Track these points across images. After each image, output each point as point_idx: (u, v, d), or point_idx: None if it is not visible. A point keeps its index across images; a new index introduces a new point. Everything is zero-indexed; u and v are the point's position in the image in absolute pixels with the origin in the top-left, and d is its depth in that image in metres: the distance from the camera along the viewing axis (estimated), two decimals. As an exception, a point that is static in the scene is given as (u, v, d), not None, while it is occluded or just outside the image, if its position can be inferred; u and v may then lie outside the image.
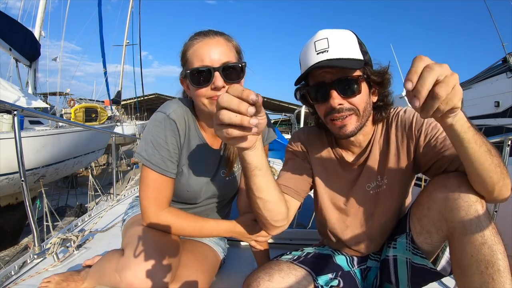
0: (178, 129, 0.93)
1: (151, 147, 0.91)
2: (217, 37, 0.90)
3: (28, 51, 6.98)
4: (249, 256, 1.09)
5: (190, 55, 0.90)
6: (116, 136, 3.27)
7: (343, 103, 0.80)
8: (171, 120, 0.92)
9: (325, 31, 0.81)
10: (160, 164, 0.91)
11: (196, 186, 1.02)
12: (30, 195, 1.46)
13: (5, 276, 1.21)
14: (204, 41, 0.89)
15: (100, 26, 12.28)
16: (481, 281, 0.64)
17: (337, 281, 0.92)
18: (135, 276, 0.79)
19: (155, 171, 0.91)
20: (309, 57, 0.81)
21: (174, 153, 0.94)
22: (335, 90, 0.79)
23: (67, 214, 7.07)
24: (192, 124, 0.98)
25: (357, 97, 0.80)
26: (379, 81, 0.84)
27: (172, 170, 0.94)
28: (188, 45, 0.92)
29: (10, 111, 1.41)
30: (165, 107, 0.95)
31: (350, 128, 0.81)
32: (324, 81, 0.80)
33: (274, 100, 28.26)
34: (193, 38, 0.92)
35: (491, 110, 4.45)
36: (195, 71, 0.86)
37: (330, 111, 0.81)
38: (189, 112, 0.98)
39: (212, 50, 0.87)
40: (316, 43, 0.80)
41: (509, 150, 1.66)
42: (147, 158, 0.91)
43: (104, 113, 10.33)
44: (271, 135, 1.09)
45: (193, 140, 0.99)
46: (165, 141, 0.91)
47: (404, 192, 0.92)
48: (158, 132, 0.91)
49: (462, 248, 0.67)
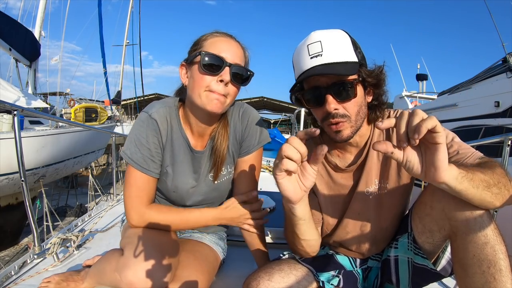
0: (160, 128, 0.94)
1: (134, 145, 0.93)
2: (237, 42, 0.94)
3: (28, 51, 6.99)
4: (249, 256, 1.09)
5: (208, 44, 0.90)
6: (116, 136, 3.27)
7: (338, 108, 0.79)
8: (153, 119, 0.93)
9: (317, 33, 0.79)
10: (141, 162, 0.92)
11: (181, 187, 1.01)
12: (30, 195, 1.46)
13: (5, 276, 1.21)
14: (226, 39, 0.91)
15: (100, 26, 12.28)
16: (483, 280, 0.64)
17: (338, 279, 0.92)
18: (135, 275, 0.79)
19: (137, 170, 0.93)
20: (302, 61, 0.79)
21: (156, 152, 0.95)
22: (330, 95, 0.78)
23: (67, 214, 7.08)
24: (175, 125, 0.98)
25: (352, 101, 0.79)
26: (374, 82, 0.83)
27: (154, 169, 0.95)
28: (207, 36, 0.92)
29: (10, 111, 1.41)
30: (150, 106, 0.96)
31: (345, 133, 0.81)
32: (319, 85, 0.79)
33: (274, 100, 28.26)
34: (214, 32, 0.93)
35: (491, 110, 4.45)
36: (209, 56, 0.86)
37: (327, 116, 0.80)
38: (173, 112, 0.98)
39: (230, 48, 0.90)
40: (309, 47, 0.78)
41: (509, 150, 1.66)
42: (130, 156, 0.92)
43: (104, 113, 10.32)
44: (263, 138, 1.06)
45: (176, 141, 0.98)
46: (146, 140, 0.93)
47: (405, 196, 0.92)
48: (140, 131, 0.93)
49: (464, 247, 0.67)
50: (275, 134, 10.31)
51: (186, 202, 1.05)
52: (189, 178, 1.02)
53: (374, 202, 0.91)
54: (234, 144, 1.04)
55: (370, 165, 0.89)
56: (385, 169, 0.89)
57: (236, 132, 1.03)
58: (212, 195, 1.07)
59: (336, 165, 0.94)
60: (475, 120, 4.72)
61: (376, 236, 0.94)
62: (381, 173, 0.90)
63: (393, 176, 0.88)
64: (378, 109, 0.88)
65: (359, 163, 0.91)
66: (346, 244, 0.97)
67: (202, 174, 1.04)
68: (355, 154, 0.92)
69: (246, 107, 1.05)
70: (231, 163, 1.06)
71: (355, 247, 0.97)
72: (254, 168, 1.06)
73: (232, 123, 1.03)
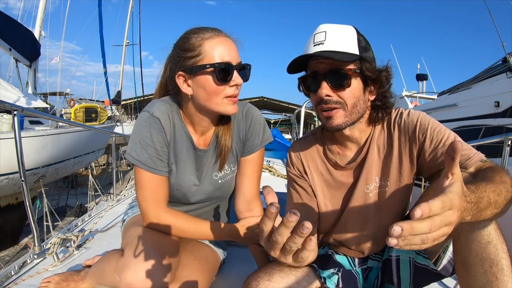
0: (163, 126, 0.93)
1: (139, 146, 0.91)
2: (228, 37, 0.91)
3: (28, 51, 7.00)
4: (249, 256, 1.08)
5: (207, 49, 0.86)
6: (116, 136, 3.28)
7: (332, 95, 0.81)
8: (155, 118, 0.92)
9: (325, 25, 0.82)
10: (149, 163, 0.91)
11: (184, 184, 1.01)
12: (30, 195, 1.46)
13: (5, 276, 1.21)
14: (222, 40, 0.88)
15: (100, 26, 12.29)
16: (485, 280, 0.64)
17: (337, 276, 0.92)
18: (135, 276, 0.79)
19: (146, 171, 0.91)
20: (307, 48, 0.83)
21: (162, 151, 0.94)
22: (325, 81, 0.80)
23: (67, 214, 7.08)
24: (177, 122, 0.97)
25: (346, 91, 0.80)
26: (373, 77, 0.83)
27: (162, 168, 0.94)
28: (199, 39, 0.87)
29: (10, 111, 1.41)
30: (150, 105, 0.95)
31: (336, 122, 0.82)
32: (317, 70, 0.82)
33: (274, 100, 28.27)
34: (202, 32, 0.88)
35: (491, 110, 4.45)
36: (221, 66, 0.85)
37: (320, 101, 0.83)
38: (174, 109, 0.97)
39: (230, 48, 0.88)
40: (315, 36, 0.82)
41: (509, 150, 1.66)
42: (137, 158, 0.90)
43: (104, 113, 10.32)
44: (266, 137, 1.06)
45: (179, 138, 0.98)
46: (151, 140, 0.91)
47: (406, 194, 0.91)
48: (144, 131, 0.91)
49: (467, 246, 0.67)
50: (275, 134, 10.32)
51: (190, 200, 1.05)
52: (192, 176, 1.02)
53: (374, 200, 0.91)
54: (237, 143, 1.04)
55: (370, 163, 0.90)
56: (385, 167, 0.89)
57: (240, 131, 1.03)
58: (216, 194, 1.07)
59: (336, 162, 0.94)
60: (475, 120, 4.72)
61: (376, 234, 0.94)
62: (382, 171, 0.90)
63: (394, 174, 0.88)
64: (381, 111, 0.88)
65: (359, 161, 0.91)
66: (346, 243, 0.97)
67: (205, 172, 1.03)
68: (355, 151, 0.92)
69: (249, 106, 1.06)
70: (235, 162, 1.06)
71: (355, 246, 0.97)
72: (257, 167, 1.06)
73: (236, 122, 1.03)
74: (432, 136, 0.81)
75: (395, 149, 0.87)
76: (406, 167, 0.87)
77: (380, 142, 0.90)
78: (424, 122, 0.83)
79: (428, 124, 0.82)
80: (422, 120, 0.84)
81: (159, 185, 0.93)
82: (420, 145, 0.83)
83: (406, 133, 0.86)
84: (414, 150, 0.85)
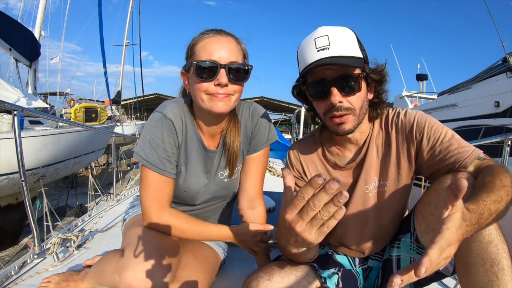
0: (176, 128, 0.93)
1: (148, 146, 0.91)
2: (229, 37, 0.91)
3: (28, 51, 6.99)
4: (249, 256, 1.09)
5: (199, 48, 0.89)
6: (116, 136, 3.27)
7: (343, 101, 0.80)
8: (168, 119, 0.92)
9: (324, 28, 0.81)
10: (158, 163, 0.91)
11: (193, 187, 1.01)
12: (30, 195, 1.46)
13: (5, 276, 1.21)
14: (215, 38, 0.89)
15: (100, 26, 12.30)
16: (485, 279, 0.64)
17: (337, 276, 0.92)
18: (135, 276, 0.79)
19: (153, 171, 0.91)
20: (309, 54, 0.80)
21: (172, 152, 0.94)
22: (335, 87, 0.79)
23: (67, 214, 7.07)
24: (189, 124, 0.98)
25: (356, 95, 0.81)
26: (378, 79, 0.84)
27: (170, 169, 0.94)
28: (197, 39, 0.91)
29: (10, 111, 1.41)
30: (163, 106, 0.95)
31: (348, 126, 0.82)
32: (324, 78, 0.80)
33: (274, 100, 28.28)
34: (204, 33, 0.91)
35: (491, 110, 4.45)
36: (201, 64, 0.86)
37: (330, 109, 0.81)
38: (187, 112, 0.97)
39: (222, 47, 0.88)
40: (316, 40, 0.79)
41: (509, 150, 1.66)
42: (145, 158, 0.91)
43: (104, 113, 10.33)
44: (271, 136, 1.07)
45: (190, 140, 0.98)
46: (162, 141, 0.91)
47: (405, 194, 0.92)
48: (155, 132, 0.91)
49: (468, 246, 0.67)
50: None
51: (196, 201, 1.05)
52: (201, 178, 1.02)
53: (374, 200, 0.91)
54: (244, 141, 1.05)
55: (369, 163, 0.90)
56: (384, 167, 0.89)
57: (247, 130, 1.04)
58: (222, 193, 1.08)
59: (335, 163, 0.94)
60: (475, 120, 4.73)
61: (376, 234, 0.94)
62: (381, 170, 0.90)
63: (392, 174, 0.88)
64: (378, 107, 0.89)
65: (358, 161, 0.91)
66: (346, 242, 0.97)
67: (213, 173, 1.04)
68: (354, 152, 0.92)
69: (255, 105, 1.07)
70: (241, 161, 1.07)
71: (355, 246, 0.97)
72: (261, 165, 1.07)
73: (243, 121, 1.04)
74: (429, 135, 0.81)
75: (393, 148, 0.88)
76: (404, 166, 0.87)
77: (378, 142, 0.90)
78: (421, 121, 0.83)
79: (425, 122, 0.83)
80: (419, 119, 0.84)
81: (164, 186, 0.93)
82: (417, 144, 0.83)
83: (403, 133, 0.86)
84: (412, 149, 0.85)
